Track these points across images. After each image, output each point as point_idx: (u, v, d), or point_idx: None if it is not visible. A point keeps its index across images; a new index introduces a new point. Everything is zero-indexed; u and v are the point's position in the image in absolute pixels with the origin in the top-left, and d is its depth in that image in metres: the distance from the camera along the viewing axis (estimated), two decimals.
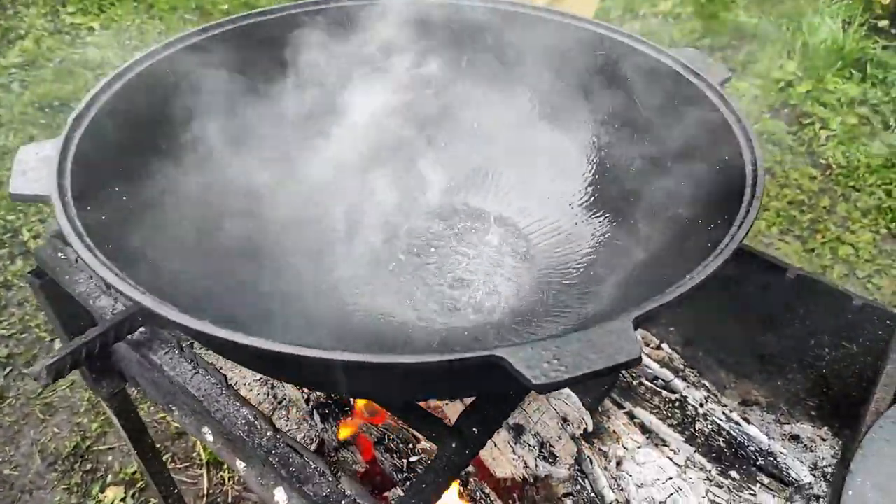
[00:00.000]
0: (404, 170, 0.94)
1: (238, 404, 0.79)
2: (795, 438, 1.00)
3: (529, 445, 0.91)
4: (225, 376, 0.81)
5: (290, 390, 1.04)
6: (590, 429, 0.94)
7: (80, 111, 0.75)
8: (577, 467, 0.92)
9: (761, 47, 3.06)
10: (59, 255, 0.98)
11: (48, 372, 0.80)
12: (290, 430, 1.00)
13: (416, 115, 0.93)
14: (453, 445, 0.68)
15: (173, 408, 1.00)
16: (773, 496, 0.92)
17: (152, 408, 1.71)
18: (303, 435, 1.01)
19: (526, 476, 0.90)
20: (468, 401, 0.77)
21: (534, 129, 0.91)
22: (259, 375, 1.09)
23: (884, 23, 3.10)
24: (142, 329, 0.88)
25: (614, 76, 0.85)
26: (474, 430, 0.70)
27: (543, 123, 0.91)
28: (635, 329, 0.52)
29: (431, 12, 0.95)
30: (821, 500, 0.92)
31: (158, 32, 2.73)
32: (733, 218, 0.63)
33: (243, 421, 0.78)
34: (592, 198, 0.86)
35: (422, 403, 0.78)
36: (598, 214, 0.84)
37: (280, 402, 1.07)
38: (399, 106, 0.92)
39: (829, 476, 0.95)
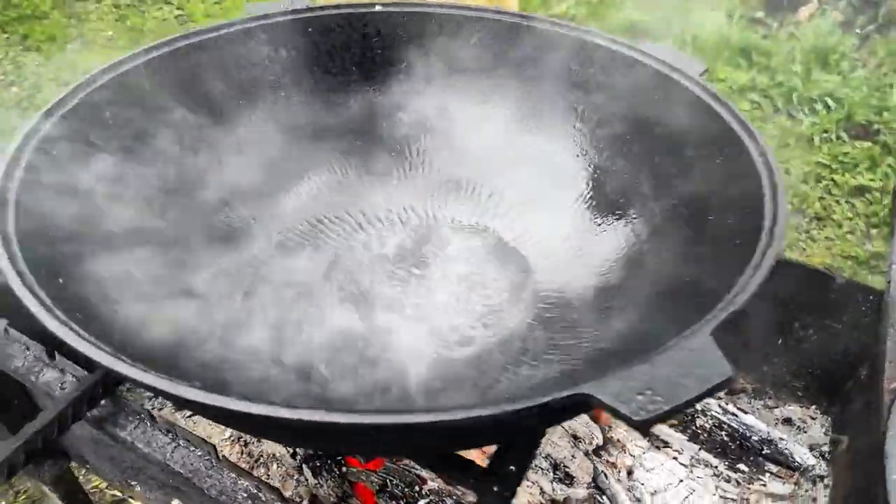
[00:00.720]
0: (382, 189, 0.87)
1: (234, 476, 0.70)
2: (788, 421, 1.01)
3: (542, 469, 0.87)
4: (214, 447, 0.71)
5: (270, 445, 0.95)
6: (600, 443, 0.91)
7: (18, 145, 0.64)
8: (593, 485, 0.88)
9: (655, 43, 3.18)
10: None
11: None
12: None
13: (394, 128, 0.88)
14: (495, 489, 0.63)
15: (134, 483, 0.88)
16: (783, 483, 0.93)
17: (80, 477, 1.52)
18: (290, 493, 0.92)
19: (543, 502, 0.86)
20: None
21: (519, 139, 0.86)
22: (230, 433, 0.99)
23: (760, 13, 3.31)
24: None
25: (597, 78, 0.82)
26: (511, 468, 0.65)
27: (528, 133, 0.86)
28: None
29: (398, 22, 0.90)
30: (825, 479, 0.93)
31: (37, 65, 2.49)
32: (758, 217, 0.61)
33: (245, 494, 0.69)
34: (594, 208, 0.82)
35: None
36: (606, 223, 0.80)
37: (257, 460, 0.97)
38: (375, 122, 0.86)
39: (826, 455, 0.96)
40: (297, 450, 0.92)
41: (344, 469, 0.89)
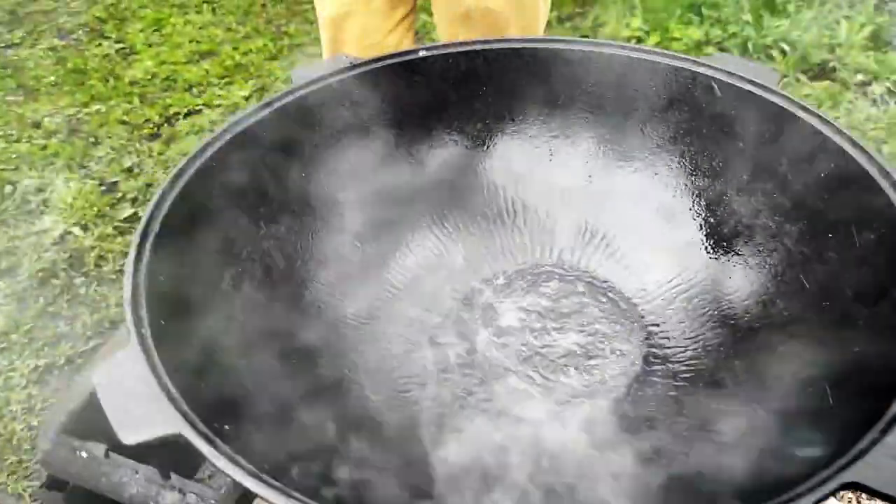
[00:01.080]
0: (481, 244, 0.84)
1: None
2: None
3: None
4: None
5: None
6: None
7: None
8: None
9: (605, 10, 3.19)
10: (80, 454, 0.79)
11: None
12: None
13: (477, 178, 0.85)
14: None
15: None
16: None
17: None
18: None
19: None
20: None
21: (612, 175, 0.84)
22: None
23: None
24: None
25: (675, 101, 0.81)
26: None
27: (619, 168, 0.85)
28: None
29: (446, 65, 0.86)
30: None
31: None
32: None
33: None
34: (711, 244, 0.80)
35: None
36: (727, 259, 0.77)
37: None
38: (453, 176, 0.83)
39: None
40: None
41: None
